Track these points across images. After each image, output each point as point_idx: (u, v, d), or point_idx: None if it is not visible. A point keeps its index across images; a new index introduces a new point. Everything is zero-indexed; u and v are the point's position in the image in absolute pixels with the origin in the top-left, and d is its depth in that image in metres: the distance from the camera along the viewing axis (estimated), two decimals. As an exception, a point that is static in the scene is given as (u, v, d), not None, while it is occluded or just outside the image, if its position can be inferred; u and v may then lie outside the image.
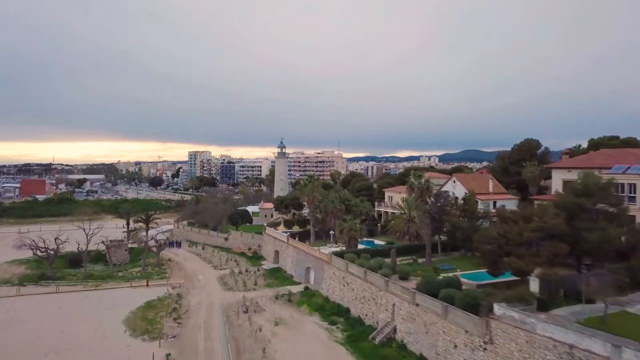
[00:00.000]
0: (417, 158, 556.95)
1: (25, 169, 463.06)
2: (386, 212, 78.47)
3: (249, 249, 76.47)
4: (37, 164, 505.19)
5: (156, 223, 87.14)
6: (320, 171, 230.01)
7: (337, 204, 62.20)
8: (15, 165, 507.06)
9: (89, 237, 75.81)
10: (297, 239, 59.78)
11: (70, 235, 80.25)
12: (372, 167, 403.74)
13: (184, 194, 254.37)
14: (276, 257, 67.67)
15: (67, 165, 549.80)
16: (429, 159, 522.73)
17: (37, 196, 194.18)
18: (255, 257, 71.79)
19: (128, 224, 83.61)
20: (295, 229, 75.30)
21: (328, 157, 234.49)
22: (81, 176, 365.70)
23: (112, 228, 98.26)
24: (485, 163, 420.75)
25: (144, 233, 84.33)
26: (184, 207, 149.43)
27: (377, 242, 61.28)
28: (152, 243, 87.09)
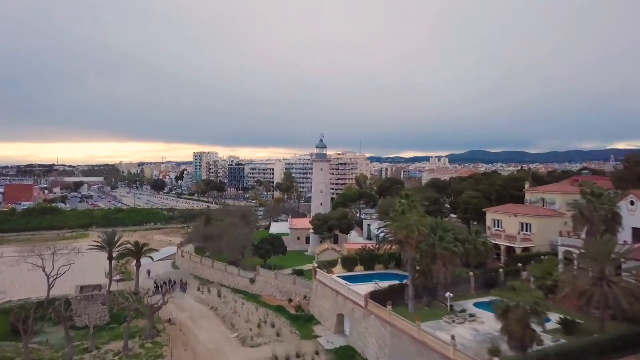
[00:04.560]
0: (425, 159, 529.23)
1: (27, 170, 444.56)
2: (496, 245, 52.86)
3: (290, 300, 51.00)
4: (40, 165, 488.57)
5: (151, 257, 61.76)
6: (342, 175, 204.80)
7: (452, 246, 36.53)
8: (17, 166, 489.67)
9: (51, 282, 51.42)
10: (390, 308, 34.04)
11: (29, 274, 56.05)
12: (387, 169, 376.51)
13: (188, 199, 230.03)
14: (340, 323, 42.26)
15: (69, 166, 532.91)
16: (439, 160, 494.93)
17: (22, 203, 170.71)
18: (303, 318, 46.29)
19: (111, 259, 58.27)
20: (359, 270, 49.75)
21: (351, 159, 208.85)
22: (79, 179, 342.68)
23: (95, 251, 66.19)
24: (499, 164, 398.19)
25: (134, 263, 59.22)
26: (189, 219, 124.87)
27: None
28: (145, 275, 62.22)
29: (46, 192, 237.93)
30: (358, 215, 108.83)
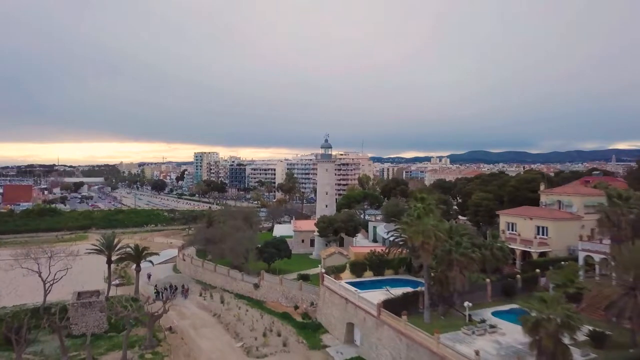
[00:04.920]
0: (426, 159, 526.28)
1: (27, 171, 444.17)
2: (510, 250, 50.75)
3: (296, 307, 48.92)
4: (40, 165, 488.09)
5: (151, 262, 59.70)
6: (344, 175, 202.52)
7: (470, 251, 34.55)
8: (18, 167, 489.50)
9: (47, 287, 49.50)
10: (405, 318, 31.99)
11: (25, 278, 53.83)
12: (388, 169, 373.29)
13: (189, 199, 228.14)
14: (349, 332, 40.20)
15: (69, 166, 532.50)
16: (440, 160, 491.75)
17: (21, 204, 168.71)
18: (310, 326, 44.22)
19: (110, 262, 56.20)
20: (368, 275, 47.74)
21: (353, 159, 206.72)
22: (79, 179, 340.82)
23: (93, 253, 60.22)
24: (501, 165, 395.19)
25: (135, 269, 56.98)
26: (190, 221, 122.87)
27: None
28: (145, 278, 60.29)
29: (46, 192, 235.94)
30: (362, 216, 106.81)
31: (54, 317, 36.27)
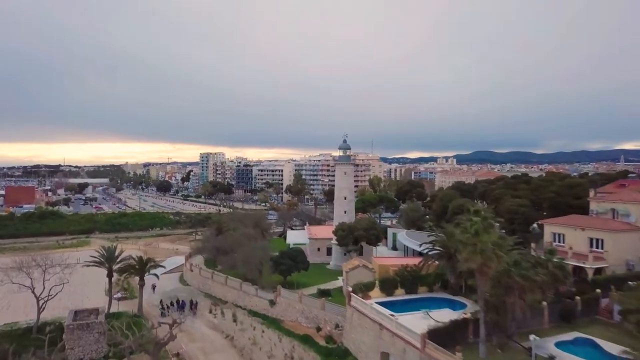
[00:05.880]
0: (432, 159, 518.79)
1: (33, 171, 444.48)
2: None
3: (318, 328, 43.56)
4: (46, 165, 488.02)
5: (156, 275, 54.44)
6: (354, 177, 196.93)
7: (532, 273, 29.10)
8: (24, 167, 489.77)
9: (41, 304, 44.79)
10: (460, 354, 26.56)
11: (19, 292, 48.76)
12: (395, 170, 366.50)
13: (195, 201, 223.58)
14: (384, 363, 34.78)
15: (75, 167, 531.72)
16: (447, 160, 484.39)
17: (24, 206, 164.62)
18: (336, 352, 38.83)
19: (111, 276, 51.12)
20: (400, 293, 42.27)
21: (363, 160, 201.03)
22: (83, 180, 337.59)
23: (94, 265, 52.39)
24: (509, 165, 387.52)
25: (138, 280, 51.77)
26: (197, 224, 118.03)
27: None
28: (149, 290, 54.64)
29: (49, 193, 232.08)
30: (378, 221, 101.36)
31: (41, 351, 31.10)
